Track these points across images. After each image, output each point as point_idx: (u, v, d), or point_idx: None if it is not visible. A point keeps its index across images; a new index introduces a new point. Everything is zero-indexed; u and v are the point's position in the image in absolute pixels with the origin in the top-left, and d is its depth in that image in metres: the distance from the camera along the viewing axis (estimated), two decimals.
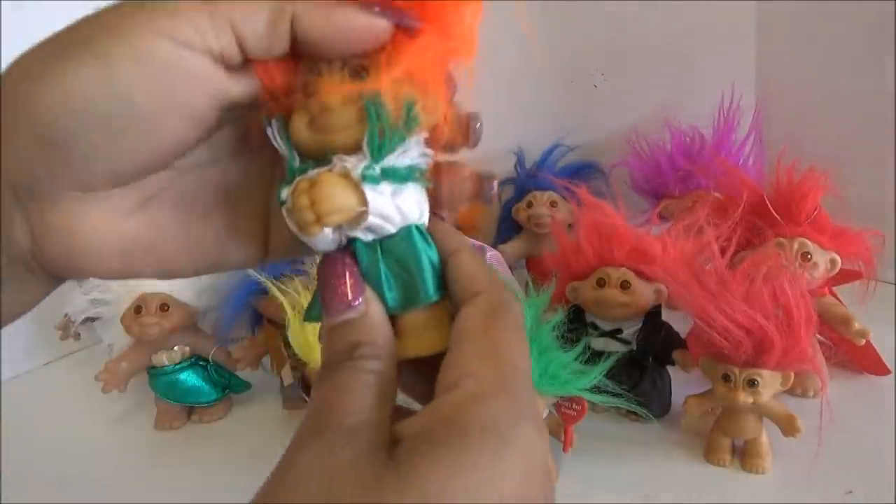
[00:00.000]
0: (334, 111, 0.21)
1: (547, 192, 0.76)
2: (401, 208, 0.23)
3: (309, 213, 0.21)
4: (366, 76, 0.22)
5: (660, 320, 0.55)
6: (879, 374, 0.57)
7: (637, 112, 0.83)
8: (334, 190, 0.21)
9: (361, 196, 0.22)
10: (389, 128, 0.22)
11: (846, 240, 0.54)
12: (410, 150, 0.23)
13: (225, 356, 0.62)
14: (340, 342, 0.22)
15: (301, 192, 0.21)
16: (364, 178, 0.22)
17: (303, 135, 0.22)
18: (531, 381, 0.22)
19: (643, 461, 0.50)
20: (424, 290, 0.23)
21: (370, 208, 0.22)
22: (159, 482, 0.54)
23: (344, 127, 0.22)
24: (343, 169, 0.22)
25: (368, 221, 0.22)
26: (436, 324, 0.24)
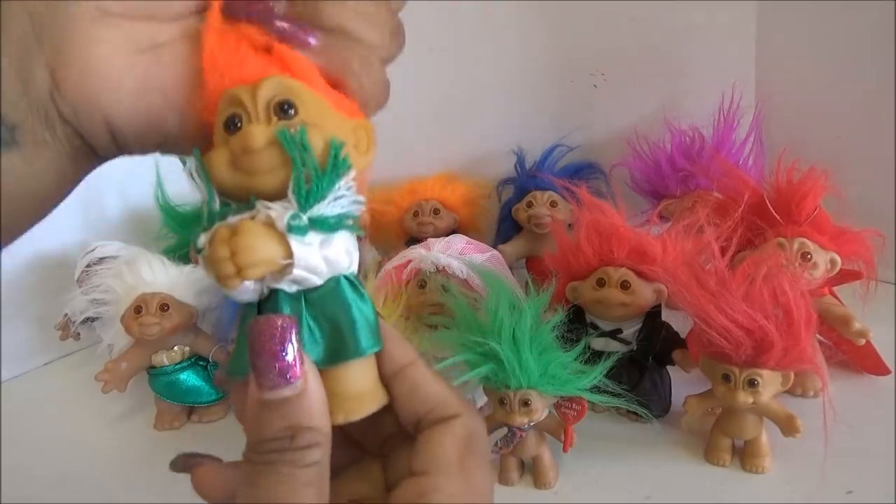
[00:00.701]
0: (258, 153, 0.20)
1: (547, 192, 0.76)
2: (329, 259, 0.21)
3: (229, 265, 0.20)
4: (293, 113, 0.20)
5: (660, 320, 0.55)
6: (879, 374, 0.57)
7: (637, 112, 0.83)
8: (257, 241, 0.20)
9: (286, 248, 0.20)
10: (316, 172, 0.20)
11: (846, 240, 0.54)
12: (341, 197, 0.21)
13: (225, 356, 0.62)
14: (277, 425, 0.20)
15: (220, 241, 0.20)
16: (290, 228, 0.20)
17: (224, 175, 0.21)
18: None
19: (643, 461, 0.50)
20: (356, 344, 0.22)
21: (296, 261, 0.20)
22: (159, 482, 0.54)
23: (268, 170, 0.20)
24: (267, 217, 0.20)
25: (293, 274, 0.21)
26: (366, 382, 0.23)
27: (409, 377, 0.23)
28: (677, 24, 0.80)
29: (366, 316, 0.22)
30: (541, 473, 0.49)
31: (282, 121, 0.20)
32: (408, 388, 0.23)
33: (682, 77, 0.82)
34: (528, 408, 0.45)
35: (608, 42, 0.83)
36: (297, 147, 0.20)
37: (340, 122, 0.22)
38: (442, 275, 0.54)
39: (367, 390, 0.23)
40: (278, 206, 0.20)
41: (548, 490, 0.49)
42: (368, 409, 0.23)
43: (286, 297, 0.21)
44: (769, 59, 0.81)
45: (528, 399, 0.45)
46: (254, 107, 0.20)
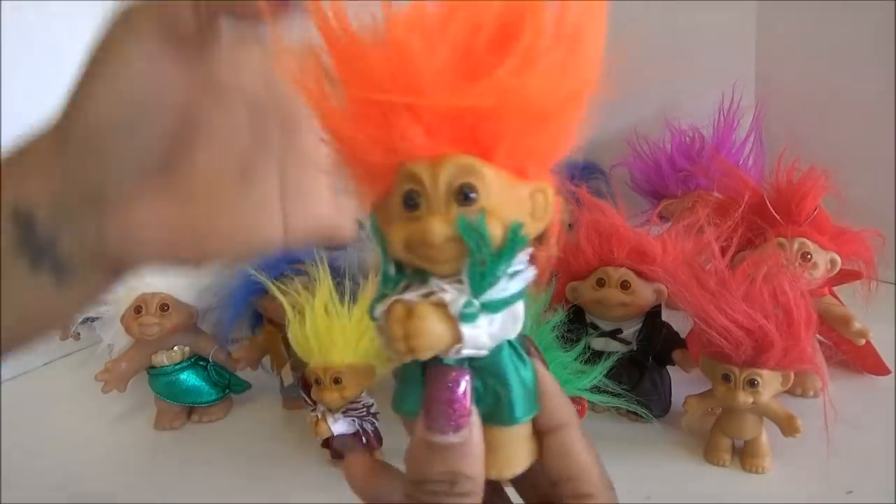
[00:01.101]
0: (437, 247, 0.20)
1: None
2: (495, 335, 0.21)
3: (402, 344, 0.20)
4: (474, 197, 0.20)
5: (660, 320, 0.55)
6: (879, 374, 0.57)
7: (637, 112, 0.83)
8: (429, 326, 0.20)
9: (457, 333, 0.20)
10: (492, 258, 0.20)
11: (846, 240, 0.54)
12: (513, 277, 0.21)
13: (225, 356, 0.62)
14: (440, 468, 0.22)
15: (396, 320, 0.20)
16: (463, 316, 0.20)
17: (400, 253, 0.21)
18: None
19: (643, 461, 0.50)
20: (510, 412, 0.22)
21: (465, 344, 0.21)
22: (159, 482, 0.54)
23: (445, 261, 0.20)
24: (440, 300, 0.20)
25: (460, 353, 0.21)
26: (519, 444, 0.23)
27: (561, 439, 0.24)
28: (677, 25, 0.80)
29: (524, 383, 0.23)
30: None
31: (462, 207, 0.20)
32: (558, 450, 0.24)
33: (682, 77, 0.82)
34: None
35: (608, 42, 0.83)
36: (477, 238, 0.20)
37: (518, 195, 0.21)
38: None
39: (519, 451, 0.23)
40: (453, 290, 0.20)
41: None
42: (517, 470, 0.23)
43: (453, 360, 0.22)
44: (769, 59, 0.81)
45: None
46: (434, 189, 0.20)
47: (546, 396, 0.24)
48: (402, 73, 0.19)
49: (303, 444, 0.55)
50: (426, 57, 0.19)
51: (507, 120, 0.20)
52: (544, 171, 0.22)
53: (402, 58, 0.19)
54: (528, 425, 0.23)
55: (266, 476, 0.52)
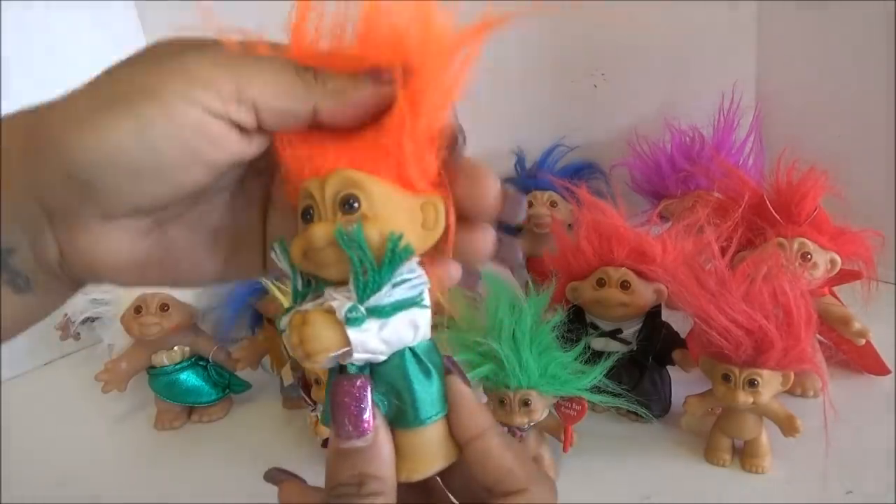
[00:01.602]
0: (322, 250, 0.22)
1: (547, 192, 0.76)
2: (388, 340, 0.23)
3: (299, 350, 0.22)
4: (357, 206, 0.22)
5: (660, 320, 0.55)
6: (879, 374, 0.57)
7: (637, 112, 0.83)
8: (319, 331, 0.22)
9: (344, 337, 0.22)
10: (372, 267, 0.22)
11: (846, 240, 0.54)
12: (399, 285, 0.22)
13: (225, 356, 0.62)
14: (348, 471, 0.23)
15: (293, 328, 0.22)
16: (347, 320, 0.22)
17: (298, 262, 0.23)
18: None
19: (643, 461, 0.50)
20: (414, 416, 0.24)
21: (353, 347, 0.22)
22: (159, 482, 0.54)
23: (332, 264, 0.22)
24: (329, 308, 0.22)
25: (353, 357, 0.22)
26: (429, 445, 0.24)
27: (479, 447, 0.25)
28: (677, 24, 0.80)
29: (428, 388, 0.24)
30: None
31: (345, 216, 0.22)
32: (478, 457, 0.25)
33: (682, 77, 0.82)
34: (528, 408, 0.45)
35: (608, 42, 0.83)
36: (353, 245, 0.21)
37: (405, 207, 0.23)
38: None
39: (428, 453, 0.24)
40: (341, 297, 0.22)
41: None
42: (427, 472, 0.24)
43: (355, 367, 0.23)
44: (769, 59, 0.81)
45: (528, 399, 0.45)
46: (322, 201, 0.22)
47: (461, 410, 0.25)
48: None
49: (303, 444, 0.55)
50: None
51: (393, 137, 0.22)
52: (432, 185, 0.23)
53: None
54: (438, 428, 0.25)
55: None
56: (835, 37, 0.73)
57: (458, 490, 0.28)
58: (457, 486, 0.27)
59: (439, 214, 0.23)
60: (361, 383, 0.23)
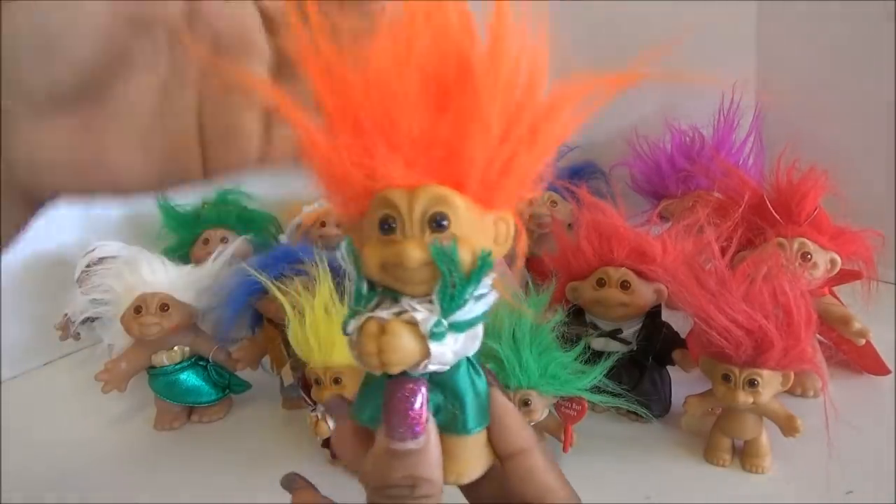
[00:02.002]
0: (412, 270, 0.22)
1: (547, 192, 0.76)
2: (458, 352, 0.23)
3: (374, 359, 0.22)
4: (446, 225, 0.22)
5: (660, 320, 0.55)
6: (879, 374, 0.57)
7: (637, 112, 0.83)
8: (401, 343, 0.22)
9: (426, 350, 0.22)
10: (462, 282, 0.22)
11: (846, 240, 0.54)
12: (479, 300, 0.23)
13: (225, 356, 0.62)
14: (400, 472, 0.23)
15: (369, 336, 0.22)
16: (432, 335, 0.22)
17: (374, 274, 0.22)
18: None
19: (643, 461, 0.50)
20: (464, 424, 0.24)
21: (431, 359, 0.22)
22: (159, 482, 0.54)
23: (418, 282, 0.22)
24: (412, 319, 0.22)
25: (427, 369, 0.23)
26: (474, 452, 0.25)
27: (524, 463, 0.25)
28: (677, 25, 0.80)
29: (478, 396, 0.25)
30: None
31: (434, 234, 0.22)
32: (522, 473, 0.25)
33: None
34: (528, 408, 0.45)
35: (608, 42, 0.83)
36: (448, 262, 0.21)
37: (484, 223, 0.23)
38: None
39: (473, 458, 0.25)
40: (423, 310, 0.22)
41: None
42: (473, 475, 0.25)
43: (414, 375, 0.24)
44: (769, 59, 0.81)
45: (528, 399, 0.45)
46: (409, 216, 0.22)
47: (503, 424, 0.25)
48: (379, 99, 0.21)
49: (303, 445, 0.55)
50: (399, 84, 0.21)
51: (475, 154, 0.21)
52: (508, 202, 0.23)
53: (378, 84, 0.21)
54: (482, 435, 0.25)
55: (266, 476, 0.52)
56: (835, 37, 0.73)
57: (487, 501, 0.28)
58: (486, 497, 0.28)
59: (510, 230, 0.24)
60: (419, 386, 0.23)
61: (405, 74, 0.21)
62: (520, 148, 0.22)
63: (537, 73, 0.23)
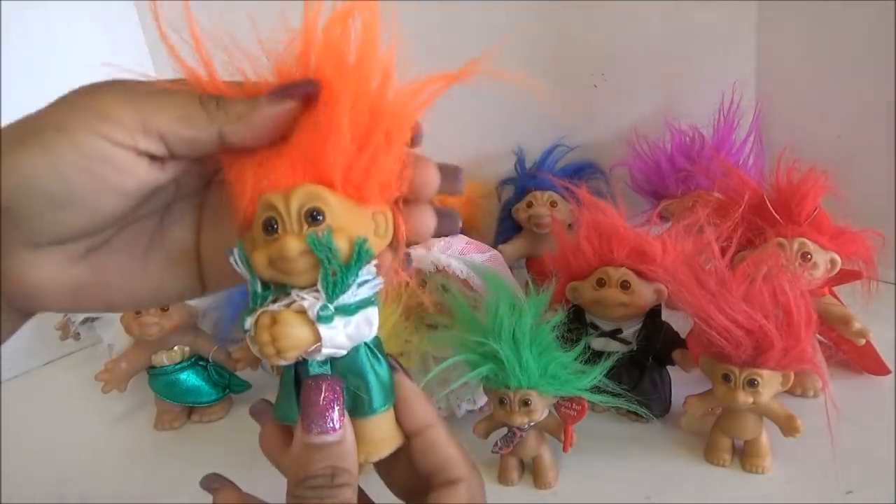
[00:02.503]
0: (293, 260, 0.23)
1: (547, 192, 0.76)
2: (351, 336, 0.25)
3: (270, 348, 0.24)
4: (321, 219, 0.24)
5: (660, 320, 0.55)
6: (879, 373, 0.57)
7: (637, 112, 0.83)
8: (292, 329, 0.24)
9: (316, 333, 0.24)
10: (341, 269, 0.24)
11: (846, 240, 0.54)
12: (362, 285, 0.25)
13: (225, 356, 0.62)
14: (320, 464, 0.25)
15: (263, 328, 0.24)
16: (319, 318, 0.24)
17: (264, 272, 0.24)
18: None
19: (643, 461, 0.50)
20: (369, 404, 0.26)
21: (324, 343, 0.24)
22: (159, 482, 0.54)
23: (302, 272, 0.24)
24: (300, 307, 0.24)
25: (322, 353, 0.24)
26: (381, 431, 0.27)
27: (427, 438, 0.27)
28: (677, 24, 0.80)
29: (380, 378, 0.27)
30: (541, 473, 0.49)
31: (311, 227, 0.24)
32: (426, 446, 0.27)
33: (682, 77, 0.82)
34: (528, 408, 0.45)
35: (608, 42, 0.83)
36: (325, 250, 0.23)
37: (361, 216, 0.25)
38: (442, 275, 0.54)
39: (382, 437, 0.27)
40: (310, 297, 0.24)
41: (548, 490, 0.49)
42: (382, 453, 0.27)
43: (316, 363, 0.26)
44: (769, 59, 0.81)
45: (528, 399, 0.45)
46: (287, 213, 0.24)
47: (407, 403, 0.27)
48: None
49: None
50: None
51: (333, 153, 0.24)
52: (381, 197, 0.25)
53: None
54: (387, 416, 0.27)
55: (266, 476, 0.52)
56: (835, 37, 0.73)
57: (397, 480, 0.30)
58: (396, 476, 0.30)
59: (388, 223, 0.26)
60: (335, 382, 0.25)
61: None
62: (378, 152, 0.25)
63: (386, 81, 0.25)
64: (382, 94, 0.25)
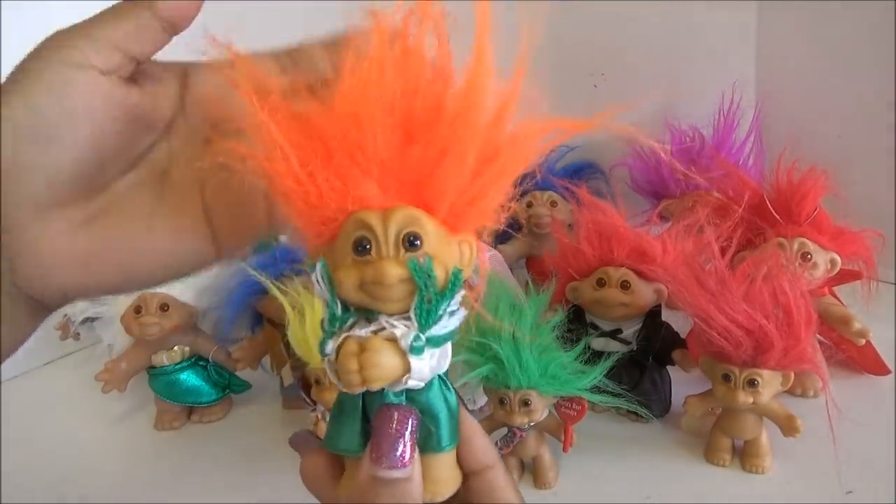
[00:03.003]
0: (391, 287, 0.22)
1: (547, 192, 0.76)
2: (433, 368, 0.24)
3: (356, 377, 0.22)
4: (419, 244, 0.23)
5: (660, 320, 0.55)
6: (879, 374, 0.57)
7: (637, 112, 0.83)
8: (383, 359, 0.22)
9: (407, 365, 0.23)
10: (437, 297, 0.23)
11: (846, 240, 0.54)
12: (452, 314, 0.24)
13: (225, 356, 0.62)
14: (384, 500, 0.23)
15: (350, 354, 0.22)
16: (412, 349, 0.23)
17: (351, 294, 0.23)
18: None
19: (643, 461, 0.50)
20: (439, 441, 0.25)
21: (412, 375, 0.23)
22: (159, 482, 0.54)
23: (396, 300, 0.23)
24: (391, 335, 0.23)
25: (407, 385, 0.23)
26: (446, 469, 0.26)
27: (487, 479, 0.26)
28: (677, 24, 0.80)
29: (451, 413, 0.25)
30: (541, 473, 0.49)
31: (409, 252, 0.23)
32: (485, 488, 0.26)
33: (682, 77, 0.82)
34: (528, 408, 0.45)
35: (608, 42, 0.83)
36: (425, 278, 0.22)
37: (450, 244, 0.24)
38: None
39: (447, 477, 0.26)
40: (401, 325, 0.23)
41: (548, 490, 0.49)
42: (447, 493, 0.26)
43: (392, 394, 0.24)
44: (769, 59, 0.81)
45: (528, 399, 0.45)
46: (384, 236, 0.22)
47: (470, 441, 0.26)
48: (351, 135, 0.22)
49: None
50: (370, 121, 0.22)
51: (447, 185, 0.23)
52: (472, 227, 0.25)
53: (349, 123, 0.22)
54: (453, 453, 0.26)
55: (266, 476, 0.52)
56: (835, 37, 0.73)
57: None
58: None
59: (473, 252, 0.25)
60: (411, 415, 0.24)
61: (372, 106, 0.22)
62: (490, 182, 0.24)
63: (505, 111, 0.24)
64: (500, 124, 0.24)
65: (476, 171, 0.23)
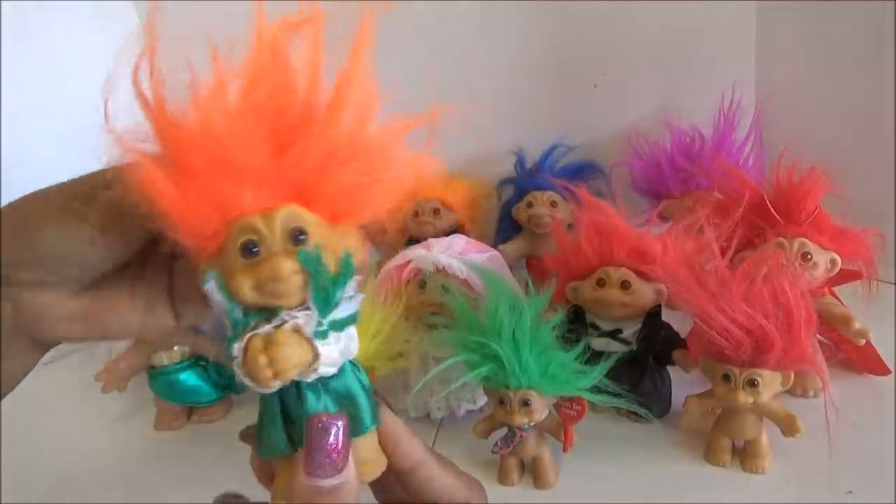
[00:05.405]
0: (286, 280, 0.23)
1: (547, 192, 0.76)
2: (342, 352, 0.25)
3: (267, 371, 0.23)
4: (304, 238, 0.24)
5: (660, 320, 0.55)
6: (879, 374, 0.57)
7: (637, 112, 0.83)
8: (290, 349, 0.23)
9: (315, 351, 0.24)
10: (332, 283, 0.24)
11: (846, 240, 0.54)
12: (350, 298, 0.25)
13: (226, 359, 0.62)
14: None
15: (257, 350, 0.23)
16: (316, 334, 0.24)
17: (248, 297, 0.24)
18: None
19: (643, 461, 0.50)
20: (362, 423, 0.26)
21: (321, 360, 0.24)
22: (159, 482, 0.54)
23: (293, 292, 0.24)
24: (295, 326, 0.24)
25: (319, 371, 0.24)
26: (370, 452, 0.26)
27: (421, 475, 0.27)
28: (677, 24, 0.81)
29: (368, 394, 0.26)
30: (541, 473, 0.49)
31: (298, 246, 0.23)
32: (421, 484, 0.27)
33: (682, 77, 0.82)
34: (528, 408, 0.45)
35: (608, 42, 0.83)
36: (317, 265, 0.23)
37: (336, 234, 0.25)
38: (442, 275, 0.54)
39: (374, 458, 0.27)
40: (302, 315, 0.24)
41: (548, 490, 0.49)
42: (374, 475, 0.26)
43: (308, 388, 0.25)
44: (769, 59, 0.81)
45: (528, 399, 0.45)
46: (271, 235, 0.23)
47: (398, 443, 0.27)
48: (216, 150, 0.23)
49: None
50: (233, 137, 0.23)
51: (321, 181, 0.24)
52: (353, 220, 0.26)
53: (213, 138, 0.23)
54: (374, 436, 0.27)
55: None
56: (835, 37, 0.73)
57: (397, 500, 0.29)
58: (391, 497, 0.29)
59: (357, 242, 0.26)
60: (338, 419, 0.24)
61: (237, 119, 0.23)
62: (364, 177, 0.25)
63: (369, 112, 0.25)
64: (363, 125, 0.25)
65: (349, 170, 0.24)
